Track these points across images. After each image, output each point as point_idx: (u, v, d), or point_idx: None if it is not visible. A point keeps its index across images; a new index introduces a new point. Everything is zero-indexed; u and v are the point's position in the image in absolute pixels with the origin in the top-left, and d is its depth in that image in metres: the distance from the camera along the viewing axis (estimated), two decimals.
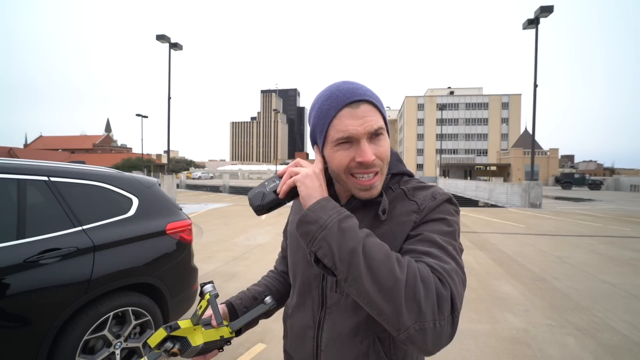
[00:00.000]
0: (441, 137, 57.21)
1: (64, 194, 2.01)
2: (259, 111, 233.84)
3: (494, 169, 55.70)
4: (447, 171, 56.65)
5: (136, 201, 2.37)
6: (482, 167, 58.22)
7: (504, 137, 70.88)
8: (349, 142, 0.66)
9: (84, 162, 2.61)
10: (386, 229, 0.69)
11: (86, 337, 1.90)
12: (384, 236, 0.67)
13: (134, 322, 2.16)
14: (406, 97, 73.73)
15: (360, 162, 0.65)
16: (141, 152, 45.99)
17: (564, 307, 3.56)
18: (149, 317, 2.24)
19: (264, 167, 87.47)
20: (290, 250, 0.87)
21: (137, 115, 34.07)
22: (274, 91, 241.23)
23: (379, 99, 0.70)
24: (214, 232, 7.83)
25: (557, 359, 2.58)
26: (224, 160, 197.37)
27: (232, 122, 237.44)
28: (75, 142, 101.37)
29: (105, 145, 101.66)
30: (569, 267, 5.09)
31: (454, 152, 72.55)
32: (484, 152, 71.65)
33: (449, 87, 78.19)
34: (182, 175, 41.88)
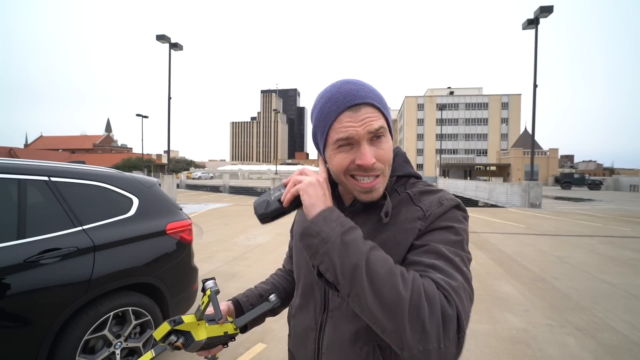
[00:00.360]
0: (441, 137, 57.23)
1: (64, 194, 2.01)
2: (259, 111, 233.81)
3: (493, 169, 55.70)
4: (447, 171, 56.65)
5: (136, 201, 2.37)
6: (482, 167, 58.21)
7: (504, 137, 70.88)
8: (349, 144, 0.65)
9: (84, 162, 2.61)
10: (389, 235, 0.67)
11: (86, 337, 1.90)
12: (387, 243, 0.66)
13: (134, 322, 2.16)
14: (406, 97, 73.73)
15: (359, 164, 0.63)
16: (141, 152, 45.99)
17: (564, 307, 3.56)
18: (149, 317, 2.24)
19: (264, 167, 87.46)
20: (294, 251, 0.87)
21: (137, 115, 34.08)
22: (274, 91, 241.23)
23: (381, 99, 0.68)
24: (214, 232, 7.83)
25: (557, 358, 2.59)
26: (224, 160, 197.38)
27: (232, 122, 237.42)
28: (75, 142, 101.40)
29: (105, 145, 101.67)
30: (569, 267, 5.09)
31: (454, 152, 72.54)
32: (484, 152, 71.65)
33: (449, 87, 78.19)
34: (182, 175, 41.86)
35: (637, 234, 7.91)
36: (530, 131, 16.63)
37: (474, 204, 20.10)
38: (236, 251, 5.95)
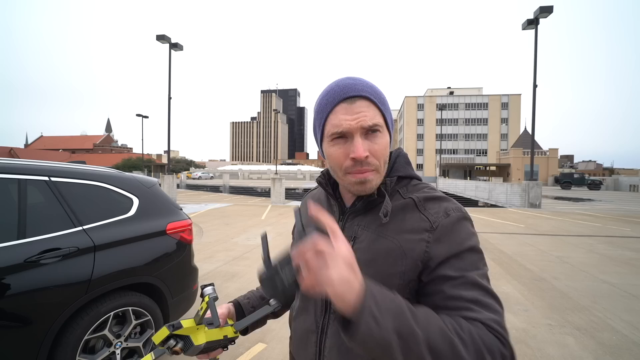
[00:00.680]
0: (441, 137, 57.25)
1: (64, 194, 2.01)
2: (259, 111, 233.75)
3: (493, 169, 55.72)
4: (446, 171, 56.65)
5: (136, 201, 2.37)
6: (481, 167, 58.23)
7: (504, 137, 70.91)
8: (343, 137, 0.65)
9: (84, 162, 2.61)
10: (395, 243, 0.66)
11: (87, 337, 1.91)
12: (393, 252, 0.66)
13: (134, 322, 2.16)
14: (406, 97, 73.75)
15: (352, 157, 0.64)
16: (141, 152, 46.01)
17: (564, 306, 3.56)
18: (149, 317, 2.24)
19: (264, 167, 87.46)
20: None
21: (138, 115, 34.10)
22: (274, 91, 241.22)
23: (379, 95, 0.68)
24: (214, 232, 7.83)
25: (556, 358, 2.59)
26: (224, 160, 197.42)
27: (232, 122, 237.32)
28: (75, 142, 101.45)
29: (105, 145, 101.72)
30: (569, 267, 5.09)
31: (454, 152, 72.56)
32: (484, 152, 71.67)
33: (449, 87, 78.21)
34: (182, 175, 41.85)
35: (636, 234, 7.91)
36: (530, 131, 16.62)
37: (474, 204, 20.11)
38: (236, 251, 5.95)
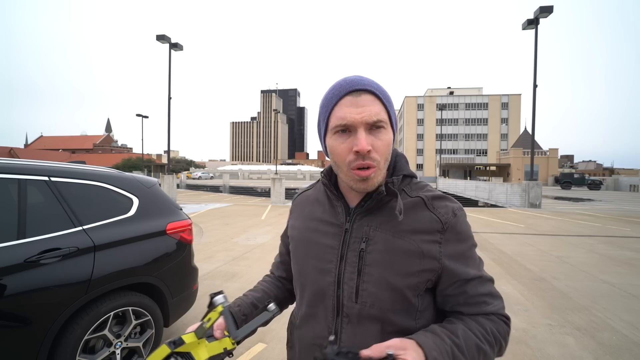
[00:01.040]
0: (441, 137, 57.21)
1: (64, 194, 2.01)
2: (259, 111, 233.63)
3: (493, 169, 55.70)
4: (446, 171, 56.64)
5: (136, 201, 2.37)
6: (481, 167, 58.21)
7: (504, 137, 70.89)
8: (347, 130, 0.65)
9: (84, 162, 2.61)
10: (413, 245, 0.68)
11: (86, 337, 1.90)
12: (411, 252, 0.67)
13: (135, 322, 2.16)
14: (406, 97, 73.72)
15: (356, 151, 0.64)
16: (141, 152, 46.00)
17: (564, 306, 3.56)
18: (150, 317, 2.24)
19: (264, 167, 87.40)
20: (296, 258, 0.82)
21: (138, 115, 34.08)
22: (274, 91, 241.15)
23: (385, 93, 0.68)
24: (214, 232, 7.83)
25: (556, 358, 2.59)
26: (224, 160, 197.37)
27: (232, 122, 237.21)
28: (75, 142, 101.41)
29: (105, 145, 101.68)
30: (569, 267, 5.09)
31: (454, 152, 72.54)
32: (484, 152, 71.65)
33: (449, 87, 78.16)
34: (182, 175, 41.87)
35: (636, 234, 7.91)
36: (530, 131, 16.63)
37: (474, 204, 20.10)
38: (236, 251, 5.95)
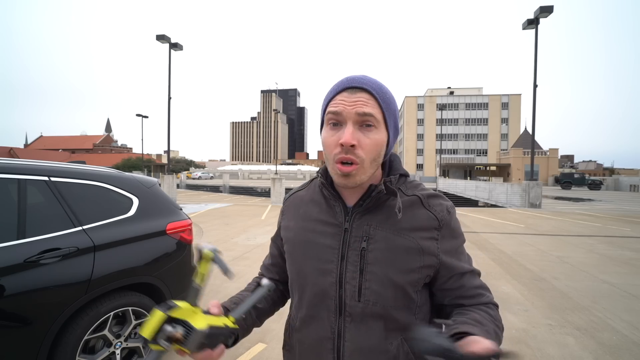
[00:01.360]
0: (441, 137, 57.22)
1: (64, 194, 2.01)
2: (259, 111, 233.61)
3: (493, 169, 55.71)
4: (447, 171, 56.65)
5: (136, 201, 2.37)
6: (481, 167, 58.22)
7: (504, 137, 70.89)
8: (339, 124, 0.67)
9: (84, 162, 2.61)
10: (413, 242, 0.70)
11: (86, 337, 1.90)
12: (411, 249, 0.69)
13: (135, 322, 2.16)
14: (406, 97, 73.72)
15: (340, 143, 0.65)
16: (141, 152, 45.99)
17: (564, 307, 3.56)
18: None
19: (264, 167, 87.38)
20: (292, 260, 0.81)
21: (137, 115, 34.08)
22: (274, 91, 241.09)
23: (384, 94, 0.68)
24: (214, 232, 7.83)
25: (556, 358, 2.59)
26: (224, 160, 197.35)
27: (232, 122, 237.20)
28: (75, 142, 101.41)
29: (105, 145, 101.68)
30: (569, 267, 5.09)
31: (454, 152, 72.55)
32: (484, 152, 71.65)
33: (449, 87, 78.14)
34: (182, 175, 41.86)
35: (636, 234, 7.91)
36: (530, 131, 16.63)
37: (474, 204, 20.10)
38: (236, 251, 5.95)
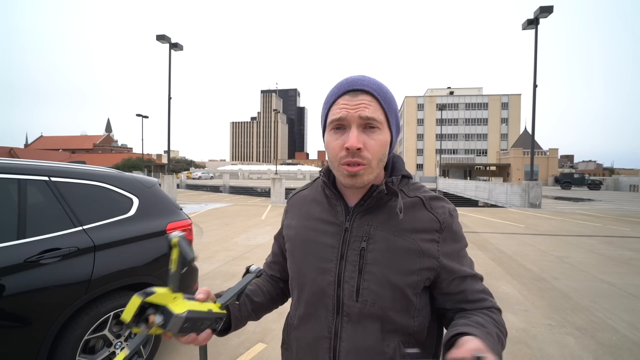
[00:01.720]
0: (441, 137, 57.17)
1: (64, 194, 2.01)
2: (259, 111, 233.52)
3: (493, 169, 55.70)
4: (446, 171, 56.65)
5: (136, 201, 2.37)
6: (481, 167, 58.21)
7: (504, 137, 70.87)
8: (342, 127, 0.67)
9: (84, 162, 2.61)
10: (413, 244, 0.69)
11: (86, 337, 1.91)
12: (411, 251, 0.69)
13: None
14: (406, 97, 73.69)
15: (346, 147, 0.65)
16: (141, 152, 45.99)
17: (564, 306, 3.56)
18: None
19: (264, 167, 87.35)
20: (293, 258, 0.82)
21: (138, 115, 34.08)
22: (274, 91, 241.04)
23: (385, 94, 0.68)
24: (214, 232, 7.83)
25: (556, 358, 2.59)
26: (224, 160, 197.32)
27: (232, 122, 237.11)
28: (75, 142, 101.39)
29: (105, 145, 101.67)
30: (569, 267, 5.09)
31: (454, 152, 72.52)
32: (484, 152, 71.63)
33: (449, 87, 78.11)
34: (182, 175, 41.87)
35: (636, 234, 7.91)
36: (530, 131, 16.63)
37: (474, 204, 20.10)
38: (236, 251, 5.95)
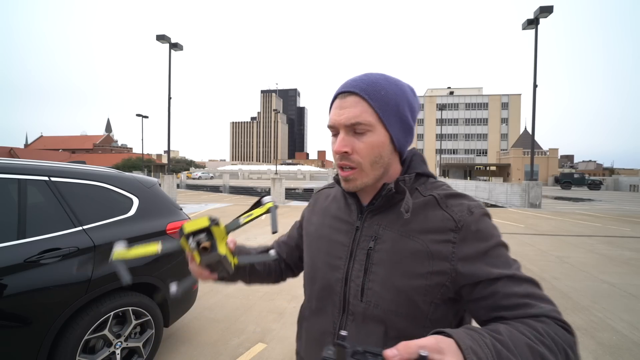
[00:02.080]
0: (441, 137, 57.14)
1: (64, 194, 2.01)
2: (259, 111, 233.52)
3: (493, 169, 55.72)
4: (447, 171, 56.67)
5: (136, 201, 2.37)
6: (481, 167, 58.23)
7: (504, 137, 70.87)
8: (337, 132, 0.69)
9: (84, 162, 2.61)
10: (422, 245, 0.64)
11: (86, 337, 1.91)
12: (419, 252, 0.64)
13: (134, 322, 2.16)
14: None
15: (333, 152, 0.68)
16: (141, 152, 45.99)
17: (564, 306, 3.56)
18: (150, 317, 2.24)
19: (264, 167, 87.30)
20: (309, 252, 0.83)
21: (138, 115, 34.06)
22: (274, 91, 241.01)
23: (377, 92, 0.65)
24: None
25: None
26: (224, 160, 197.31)
27: (232, 122, 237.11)
28: (75, 142, 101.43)
29: (105, 145, 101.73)
30: (569, 266, 5.09)
31: (454, 152, 72.53)
32: (484, 152, 71.64)
33: (449, 87, 78.10)
34: (182, 175, 41.87)
35: (636, 234, 7.91)
36: (530, 131, 16.63)
37: None
38: None
